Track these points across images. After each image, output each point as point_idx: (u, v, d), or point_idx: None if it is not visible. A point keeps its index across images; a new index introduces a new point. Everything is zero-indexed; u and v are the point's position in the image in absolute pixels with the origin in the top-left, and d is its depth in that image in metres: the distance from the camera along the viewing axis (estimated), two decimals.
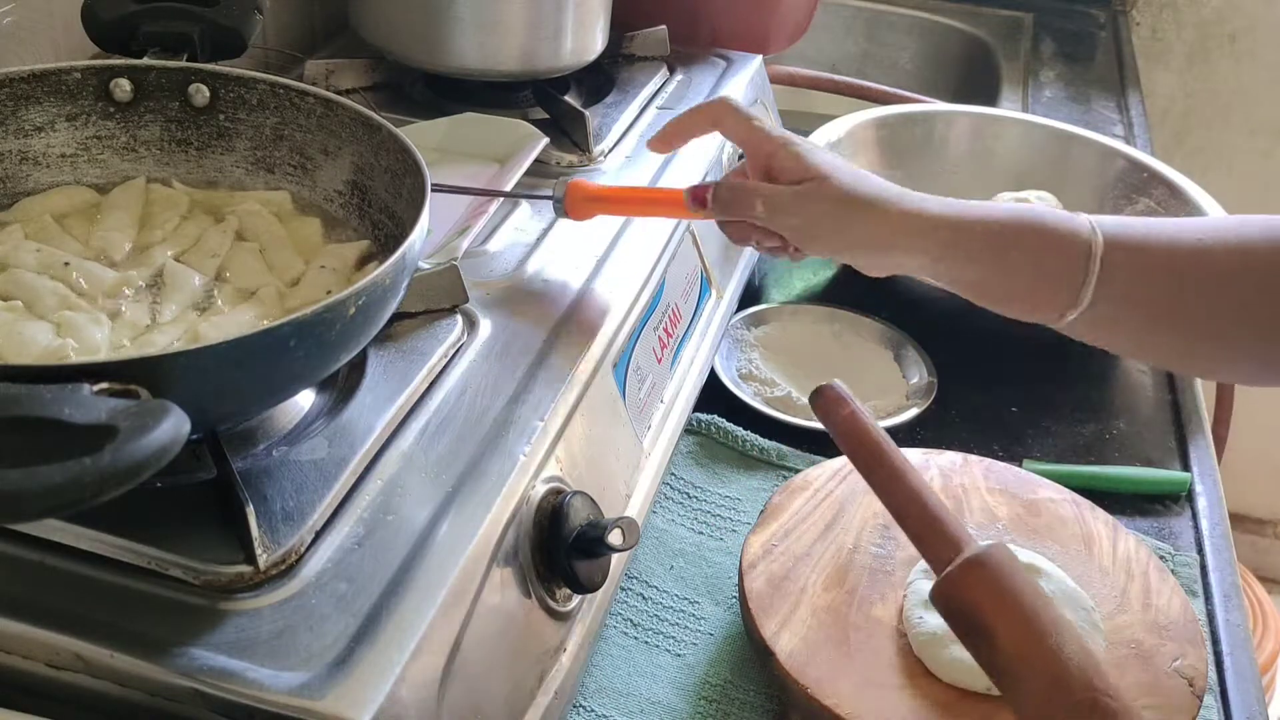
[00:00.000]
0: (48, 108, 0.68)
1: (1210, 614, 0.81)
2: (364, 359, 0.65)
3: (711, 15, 1.21)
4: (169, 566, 0.51)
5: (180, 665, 0.47)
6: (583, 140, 0.92)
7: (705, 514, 0.85)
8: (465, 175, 0.84)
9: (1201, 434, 0.99)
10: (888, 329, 1.03)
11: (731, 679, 0.73)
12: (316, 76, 0.97)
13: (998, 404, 0.99)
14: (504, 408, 0.64)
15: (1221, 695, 0.75)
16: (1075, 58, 1.74)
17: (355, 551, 0.53)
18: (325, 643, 0.49)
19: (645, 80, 1.07)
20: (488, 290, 0.74)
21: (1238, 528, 2.35)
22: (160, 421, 0.40)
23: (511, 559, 0.59)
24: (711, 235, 0.95)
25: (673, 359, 0.85)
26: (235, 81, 0.70)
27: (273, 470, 0.57)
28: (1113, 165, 1.23)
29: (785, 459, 0.90)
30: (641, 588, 0.78)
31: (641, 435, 0.77)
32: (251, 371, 0.50)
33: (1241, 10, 1.93)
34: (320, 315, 0.50)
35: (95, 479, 0.38)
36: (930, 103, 1.36)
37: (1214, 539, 0.87)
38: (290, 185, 0.71)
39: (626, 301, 0.77)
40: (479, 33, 0.95)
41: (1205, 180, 1.20)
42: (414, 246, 0.56)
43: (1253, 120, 2.01)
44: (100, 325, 0.59)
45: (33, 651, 0.49)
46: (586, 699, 0.70)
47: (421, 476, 0.58)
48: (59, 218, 0.67)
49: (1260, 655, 1.88)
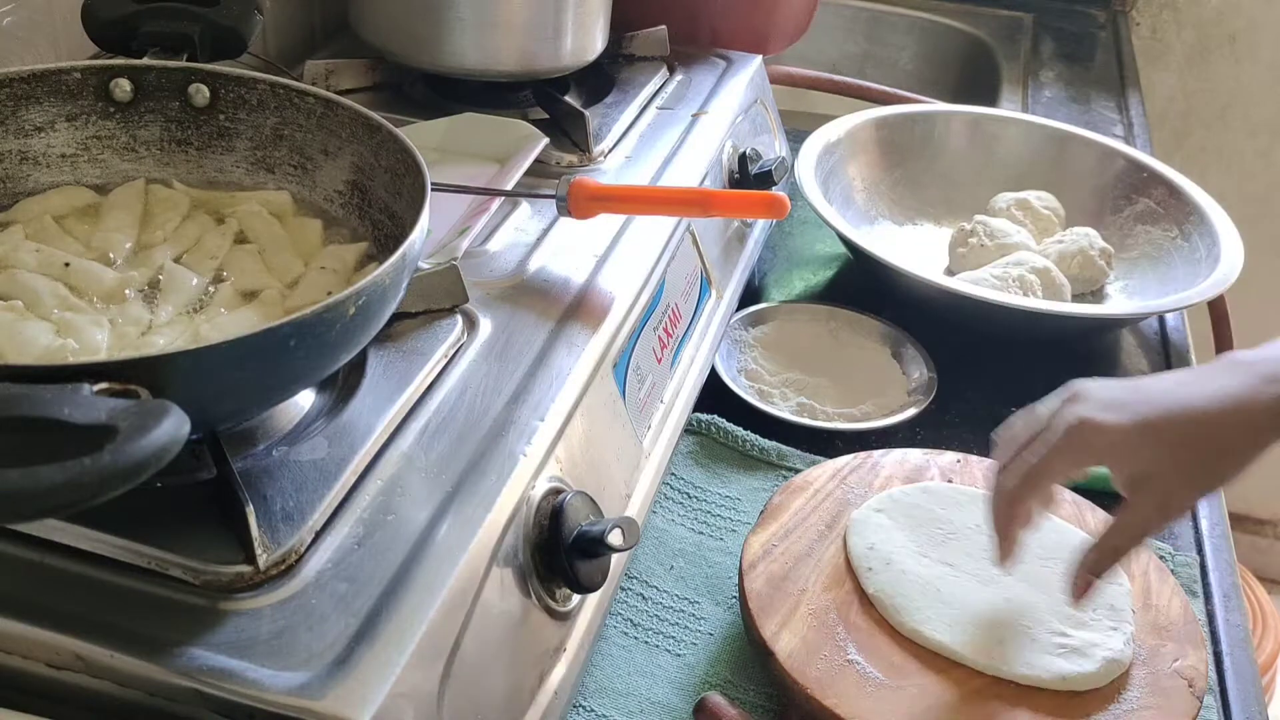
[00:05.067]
0: (48, 108, 0.68)
1: (1210, 614, 0.81)
2: (364, 359, 0.65)
3: (711, 15, 1.21)
4: (169, 566, 0.51)
5: (180, 665, 0.47)
6: (582, 140, 0.92)
7: (705, 514, 0.85)
8: (465, 175, 0.84)
9: None
10: (887, 328, 1.03)
11: (731, 679, 0.73)
12: (316, 76, 0.97)
13: (998, 404, 0.99)
14: (504, 408, 0.64)
15: (1221, 695, 0.75)
16: (1075, 58, 1.74)
17: (355, 551, 0.53)
18: (325, 643, 0.49)
19: (645, 80, 1.07)
20: (488, 290, 0.74)
21: (1238, 528, 2.35)
22: (160, 421, 0.40)
23: (511, 559, 0.59)
24: (711, 235, 0.95)
25: (673, 359, 0.85)
26: (235, 81, 0.70)
27: (273, 470, 0.57)
28: (1112, 165, 1.23)
29: (785, 459, 0.90)
30: (641, 588, 0.78)
31: (641, 435, 0.77)
32: (251, 371, 0.50)
33: (1241, 10, 1.93)
34: (320, 315, 0.50)
35: (95, 479, 0.38)
36: (930, 103, 1.36)
37: (1214, 539, 0.87)
38: (290, 185, 0.71)
39: (626, 301, 0.77)
40: (479, 33, 0.95)
41: (1205, 180, 1.20)
42: (414, 246, 0.56)
43: (1252, 120, 2.01)
44: (100, 326, 0.59)
45: (33, 651, 0.49)
46: (586, 699, 0.70)
47: (421, 476, 0.58)
48: (59, 218, 0.67)
49: (1260, 655, 1.88)
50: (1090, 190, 1.23)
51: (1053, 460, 0.68)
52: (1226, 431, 0.67)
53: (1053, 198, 1.20)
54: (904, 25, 1.82)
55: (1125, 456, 0.68)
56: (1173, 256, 1.13)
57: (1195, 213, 1.13)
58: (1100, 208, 1.22)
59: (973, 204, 1.21)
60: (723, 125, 1.02)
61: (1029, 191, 1.20)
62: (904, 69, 1.82)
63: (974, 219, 1.15)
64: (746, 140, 1.07)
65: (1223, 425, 0.67)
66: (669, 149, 0.96)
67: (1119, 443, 0.67)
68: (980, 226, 1.13)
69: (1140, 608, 0.75)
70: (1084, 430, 0.67)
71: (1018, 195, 1.19)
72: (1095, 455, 0.68)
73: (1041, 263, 1.06)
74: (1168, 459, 0.67)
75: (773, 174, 1.02)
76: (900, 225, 1.24)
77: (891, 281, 1.05)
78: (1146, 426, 0.67)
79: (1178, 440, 0.67)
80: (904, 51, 1.83)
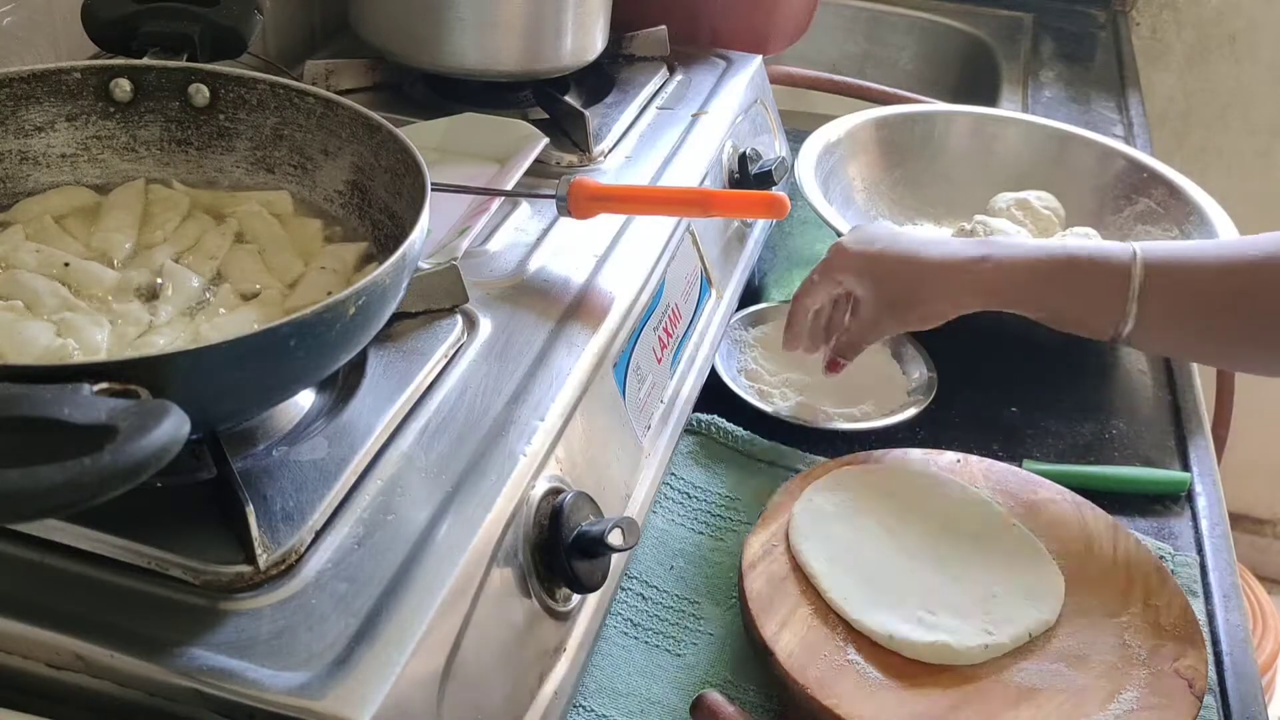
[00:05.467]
0: (48, 108, 0.68)
1: (1210, 614, 0.80)
2: (364, 359, 0.65)
3: (711, 15, 1.21)
4: (169, 566, 0.51)
5: (180, 665, 0.47)
6: (582, 140, 0.92)
7: (705, 514, 0.85)
8: (465, 175, 0.84)
9: (1201, 434, 0.99)
10: None
11: (731, 679, 0.73)
12: (316, 76, 0.97)
13: (998, 404, 0.99)
14: (504, 408, 0.64)
15: (1221, 695, 0.75)
16: (1075, 58, 1.74)
17: (355, 551, 0.54)
18: (325, 643, 0.49)
19: (645, 80, 1.06)
20: (488, 290, 0.74)
21: (1238, 528, 2.35)
22: (160, 421, 0.40)
23: (511, 559, 0.59)
24: (711, 235, 0.95)
25: (673, 359, 0.85)
26: (235, 81, 0.70)
27: (273, 470, 0.57)
28: (1112, 165, 1.23)
29: (785, 459, 0.90)
30: (641, 588, 0.78)
31: (641, 435, 0.77)
32: (251, 371, 0.50)
33: (1241, 10, 1.93)
34: (320, 315, 0.50)
35: (95, 479, 0.38)
36: (930, 103, 1.36)
37: (1214, 539, 0.87)
38: (290, 185, 0.71)
39: (626, 301, 0.77)
40: (479, 33, 0.95)
41: (1205, 180, 1.20)
42: (414, 246, 0.56)
43: (1252, 120, 2.01)
44: (100, 326, 0.59)
45: (33, 651, 0.49)
46: (586, 699, 0.70)
47: (421, 476, 0.58)
48: (59, 218, 0.67)
49: (1260, 655, 1.88)
50: (1090, 190, 1.23)
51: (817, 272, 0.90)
52: (928, 281, 0.86)
53: (1053, 198, 1.20)
54: (904, 25, 1.82)
55: (854, 277, 0.88)
56: None
57: (1195, 213, 1.13)
58: (1100, 208, 1.22)
59: (973, 204, 1.21)
60: (723, 125, 1.02)
61: (1029, 191, 1.20)
62: (904, 69, 1.82)
63: (974, 219, 1.14)
64: (746, 140, 1.07)
65: (929, 275, 0.86)
66: (669, 149, 0.96)
67: (851, 264, 0.88)
68: (980, 226, 1.13)
69: (1140, 607, 0.75)
70: (835, 251, 0.89)
71: (1018, 195, 1.19)
72: (837, 271, 0.88)
73: None
74: (881, 287, 0.87)
75: (773, 174, 1.02)
76: (900, 225, 1.24)
77: None
78: (875, 258, 0.87)
79: (889, 274, 0.86)
80: (904, 51, 1.83)
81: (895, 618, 0.71)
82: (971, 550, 0.77)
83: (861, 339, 0.89)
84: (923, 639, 0.70)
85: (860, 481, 0.82)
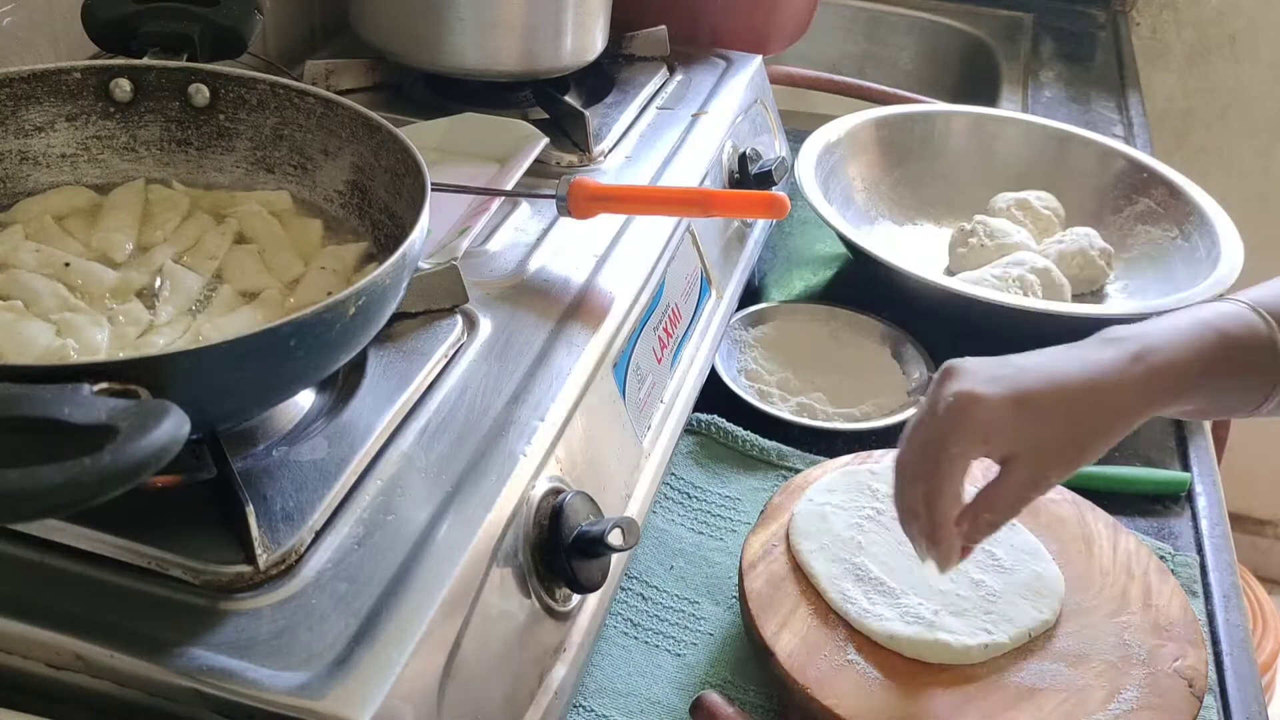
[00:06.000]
0: (48, 108, 0.68)
1: (1210, 614, 0.81)
2: (364, 359, 0.65)
3: (711, 15, 1.21)
4: (169, 566, 0.51)
5: (180, 665, 0.47)
6: (582, 140, 0.92)
7: (705, 514, 0.85)
8: (465, 175, 0.84)
9: (1201, 434, 0.99)
10: (887, 327, 1.03)
11: (731, 679, 0.73)
12: (316, 76, 0.97)
13: None
14: (504, 408, 0.64)
15: (1221, 695, 0.75)
16: (1075, 58, 1.74)
17: (355, 551, 0.53)
18: (325, 643, 0.49)
19: (645, 80, 1.06)
20: (488, 290, 0.74)
21: (1238, 528, 2.34)
22: (160, 421, 0.40)
23: (511, 559, 0.59)
24: (711, 235, 0.95)
25: (673, 359, 0.85)
26: (235, 81, 0.70)
27: (273, 470, 0.57)
28: (1113, 165, 1.23)
29: (785, 459, 0.90)
30: (641, 588, 0.78)
31: (641, 435, 0.77)
32: (251, 371, 0.50)
33: (1241, 10, 1.93)
34: (320, 315, 0.50)
35: (95, 479, 0.38)
36: (930, 103, 1.36)
37: (1214, 539, 0.87)
38: (290, 185, 0.71)
39: (626, 301, 0.77)
40: (479, 33, 0.95)
41: (1205, 180, 1.20)
42: (414, 246, 0.56)
43: (1252, 120, 2.01)
44: (100, 326, 0.59)
45: (33, 651, 0.49)
46: (586, 699, 0.70)
47: (421, 476, 0.58)
48: (59, 218, 0.67)
49: (1260, 655, 1.88)
50: (1090, 190, 1.23)
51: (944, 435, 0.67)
52: (1094, 408, 0.68)
53: (1053, 198, 1.20)
54: (904, 25, 1.82)
55: (1002, 428, 0.67)
56: (1173, 257, 1.13)
57: (1195, 213, 1.13)
58: (1100, 208, 1.22)
59: (973, 204, 1.21)
60: (723, 125, 1.02)
61: (1029, 191, 1.20)
62: (904, 69, 1.82)
63: (974, 219, 1.15)
64: (746, 140, 1.07)
65: (1091, 402, 0.68)
66: (669, 149, 0.96)
67: (996, 414, 0.66)
68: (980, 226, 1.13)
69: (1140, 607, 0.75)
70: (963, 402, 0.66)
71: (1018, 195, 1.19)
72: (976, 428, 0.66)
73: (1041, 263, 1.06)
74: (1041, 433, 0.67)
75: (773, 174, 1.02)
76: (900, 225, 1.24)
77: (891, 281, 1.05)
78: (1022, 399, 0.67)
79: (1049, 415, 0.67)
80: (904, 51, 1.83)
81: (895, 618, 0.71)
82: None
83: (1015, 509, 0.69)
84: (923, 639, 0.70)
85: (860, 481, 0.82)
